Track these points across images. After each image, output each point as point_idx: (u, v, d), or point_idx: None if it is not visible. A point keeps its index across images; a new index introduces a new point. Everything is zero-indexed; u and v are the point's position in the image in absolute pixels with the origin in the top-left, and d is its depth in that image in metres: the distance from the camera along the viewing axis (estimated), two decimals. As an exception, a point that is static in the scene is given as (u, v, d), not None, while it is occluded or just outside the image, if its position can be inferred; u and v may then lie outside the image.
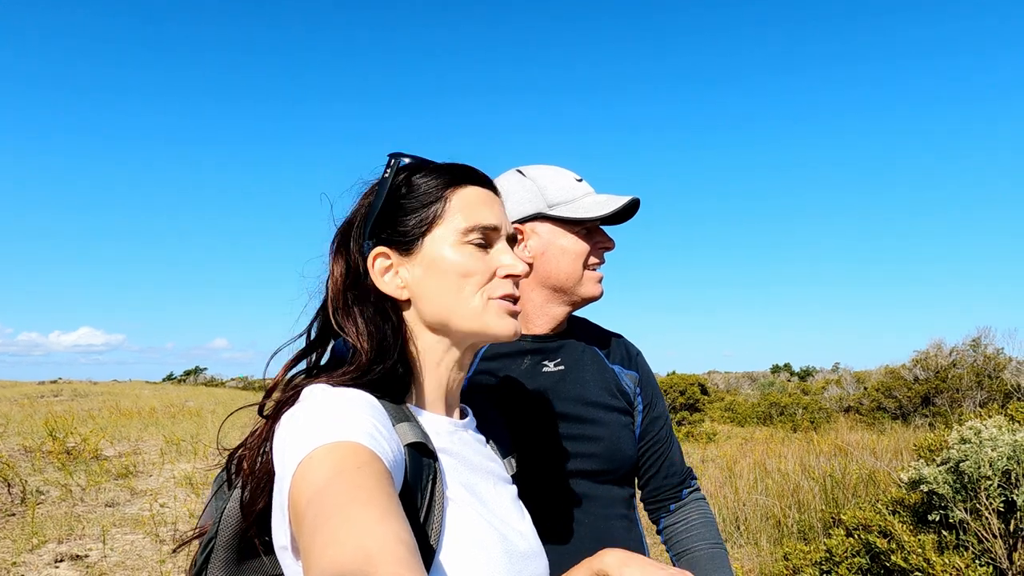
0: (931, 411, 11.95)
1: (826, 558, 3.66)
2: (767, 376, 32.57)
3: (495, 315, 0.82)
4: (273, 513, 0.69)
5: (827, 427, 12.60)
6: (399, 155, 0.84)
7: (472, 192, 0.84)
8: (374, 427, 0.66)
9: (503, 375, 1.23)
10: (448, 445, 0.80)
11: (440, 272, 0.81)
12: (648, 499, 1.36)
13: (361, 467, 0.59)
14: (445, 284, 0.81)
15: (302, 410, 0.69)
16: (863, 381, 16.77)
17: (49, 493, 6.57)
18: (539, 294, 1.26)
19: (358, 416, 0.66)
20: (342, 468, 0.58)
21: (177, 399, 19.41)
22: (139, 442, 10.44)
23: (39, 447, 8.66)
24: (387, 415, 0.73)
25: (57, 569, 4.49)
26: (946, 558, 3.05)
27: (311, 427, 0.64)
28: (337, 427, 0.63)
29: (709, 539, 1.29)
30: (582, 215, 1.21)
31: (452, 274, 0.81)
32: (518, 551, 0.77)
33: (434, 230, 0.82)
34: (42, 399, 18.37)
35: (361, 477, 0.58)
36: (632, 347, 1.40)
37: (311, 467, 0.59)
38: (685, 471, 1.38)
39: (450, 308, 0.81)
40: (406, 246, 0.82)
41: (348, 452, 0.60)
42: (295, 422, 0.67)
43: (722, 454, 8.84)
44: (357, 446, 0.61)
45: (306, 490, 0.58)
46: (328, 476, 0.58)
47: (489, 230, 0.83)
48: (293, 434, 0.65)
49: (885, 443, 8.24)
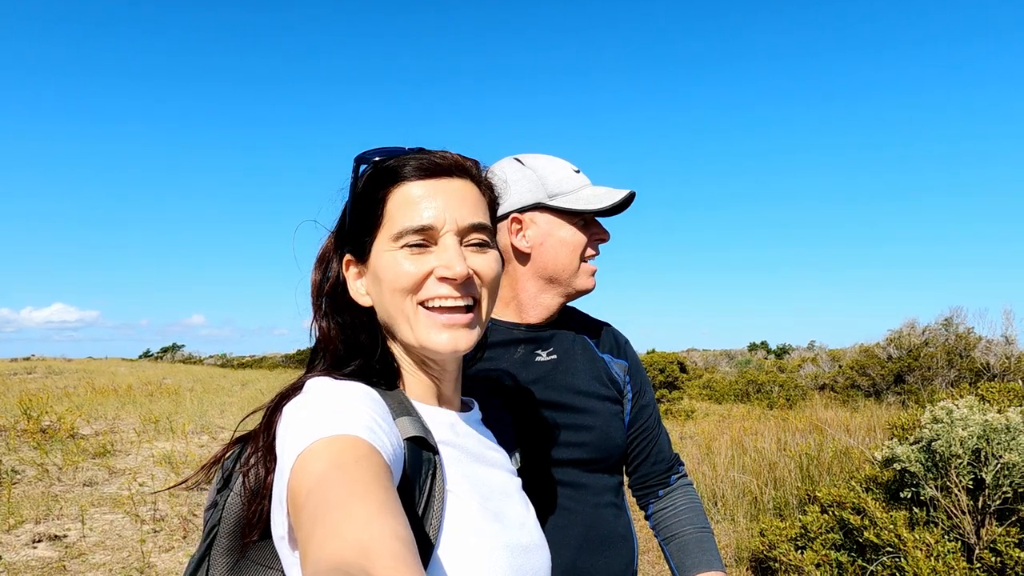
0: (903, 389, 12.22)
1: (801, 534, 3.75)
2: (744, 354, 33.04)
3: (426, 329, 0.76)
4: (272, 503, 0.69)
5: (803, 404, 12.84)
6: (362, 158, 0.81)
7: (408, 190, 0.77)
8: (374, 420, 0.66)
9: (497, 365, 1.23)
10: (451, 437, 0.80)
11: (378, 281, 0.78)
12: (636, 485, 1.38)
13: (360, 460, 0.59)
14: (383, 292, 0.78)
15: (303, 402, 0.69)
16: (838, 359, 17.07)
17: (25, 473, 6.48)
18: (534, 284, 1.25)
19: (358, 409, 0.66)
20: (341, 461, 0.58)
21: (154, 376, 19.21)
22: (116, 420, 10.32)
23: (13, 426, 8.52)
24: (388, 409, 0.73)
25: (35, 549, 4.45)
26: (917, 534, 3.14)
27: (312, 419, 0.64)
28: (337, 420, 0.63)
29: (696, 524, 1.31)
30: (582, 207, 1.20)
31: (385, 282, 0.77)
32: (520, 543, 0.77)
33: (377, 236, 0.78)
34: (15, 376, 18.07)
35: (359, 471, 0.58)
36: (620, 336, 1.40)
37: (310, 459, 0.59)
38: (673, 457, 1.39)
39: (391, 317, 0.79)
40: (360, 254, 0.81)
41: (347, 445, 0.60)
42: (296, 414, 0.67)
43: (700, 431, 8.99)
44: (356, 439, 0.61)
45: (305, 482, 0.58)
46: (327, 469, 0.58)
47: (425, 230, 0.75)
48: (294, 426, 0.65)
49: (859, 420, 8.42)
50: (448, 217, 0.76)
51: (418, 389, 0.83)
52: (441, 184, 0.78)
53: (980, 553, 3.09)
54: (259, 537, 0.74)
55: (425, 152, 0.80)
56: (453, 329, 0.76)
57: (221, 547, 0.76)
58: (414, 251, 0.76)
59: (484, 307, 0.81)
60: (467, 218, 0.78)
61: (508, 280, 1.29)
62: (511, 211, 1.23)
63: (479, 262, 0.79)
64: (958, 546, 3.08)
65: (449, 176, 0.79)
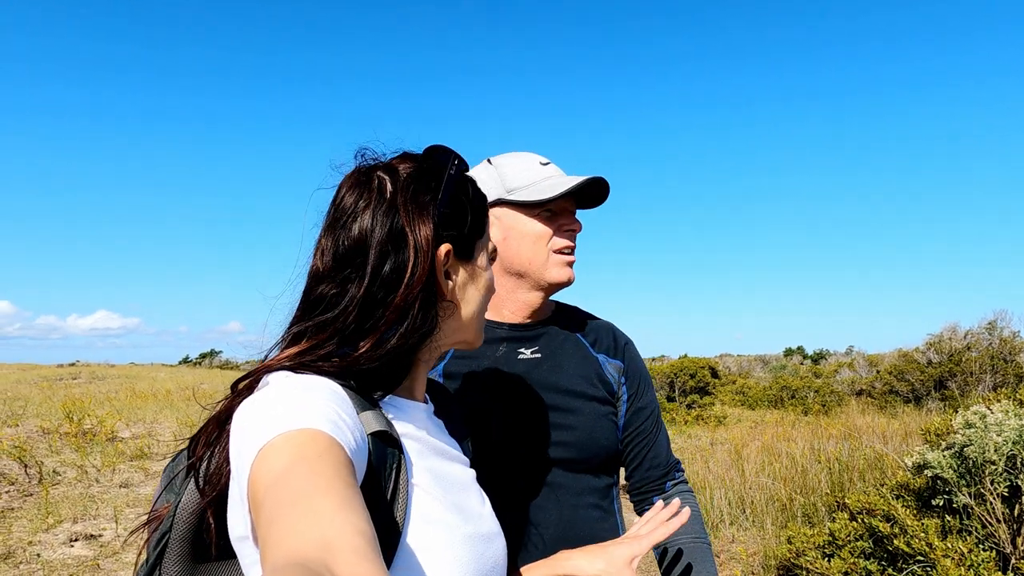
0: (944, 395, 11.85)
1: (829, 541, 3.65)
2: (780, 359, 32.42)
3: (478, 331, 0.88)
4: (230, 502, 0.67)
5: (838, 410, 12.54)
6: (450, 151, 0.84)
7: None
8: (336, 414, 0.64)
9: (476, 363, 1.22)
10: (414, 431, 0.80)
11: (479, 283, 0.86)
12: (632, 491, 1.35)
13: (322, 455, 0.58)
14: (477, 296, 0.86)
15: (262, 396, 0.67)
16: (876, 364, 16.64)
17: (65, 474, 6.70)
18: (506, 280, 1.25)
19: (320, 403, 0.65)
20: (303, 455, 0.57)
21: (192, 382, 19.66)
22: (154, 424, 10.59)
23: (56, 429, 8.81)
24: (350, 403, 0.71)
25: (72, 548, 4.59)
26: (949, 543, 3.03)
27: (272, 414, 0.62)
28: (298, 414, 0.62)
29: (691, 532, 1.26)
30: (536, 197, 1.19)
31: (484, 288, 0.86)
32: (480, 533, 0.77)
33: (482, 240, 0.87)
34: (60, 381, 18.67)
35: (321, 465, 0.57)
36: (621, 336, 1.37)
37: (271, 454, 0.58)
38: (670, 463, 1.35)
39: (470, 319, 0.85)
40: (465, 250, 0.84)
41: (309, 439, 0.59)
42: (254, 408, 0.65)
43: (731, 437, 8.84)
44: (318, 433, 0.60)
45: (265, 477, 0.57)
46: (288, 463, 0.57)
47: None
48: (253, 420, 0.63)
49: (895, 427, 8.19)
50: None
51: (413, 381, 0.84)
52: None
53: (1016, 563, 2.97)
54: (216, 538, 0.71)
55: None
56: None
57: (174, 553, 0.73)
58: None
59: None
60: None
61: None
62: None
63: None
64: (993, 555, 2.96)
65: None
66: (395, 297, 0.73)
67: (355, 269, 0.74)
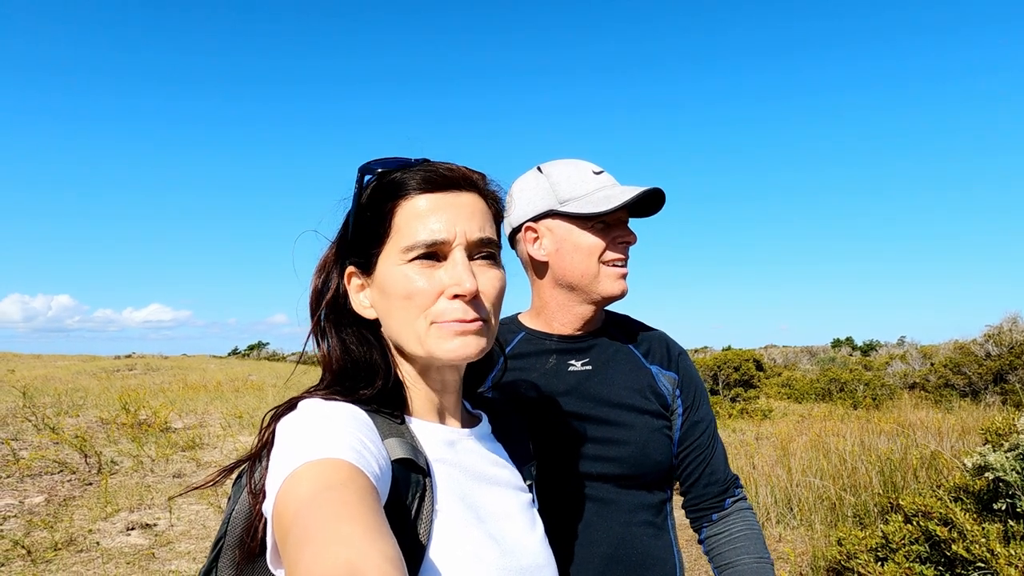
0: (1004, 389, 11.35)
1: (882, 544, 3.53)
2: (827, 351, 31.59)
3: (436, 339, 0.76)
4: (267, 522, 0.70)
5: (890, 404, 12.14)
6: (366, 168, 0.80)
7: (417, 203, 0.77)
8: (360, 443, 0.66)
9: (526, 375, 1.20)
10: (446, 455, 0.79)
11: (387, 295, 0.78)
12: (689, 507, 1.30)
13: (346, 483, 0.59)
14: (391, 307, 0.78)
15: (292, 423, 0.69)
16: (930, 356, 16.06)
17: (122, 464, 6.96)
18: (558, 293, 1.22)
19: (345, 431, 0.66)
20: (328, 484, 0.58)
21: (241, 373, 20.22)
22: (205, 415, 10.92)
23: (114, 419, 9.16)
24: (375, 430, 0.72)
25: (128, 536, 4.76)
26: (1012, 549, 2.90)
27: (298, 442, 0.64)
28: (323, 443, 0.63)
29: (754, 552, 1.21)
30: (591, 210, 1.15)
31: (395, 297, 0.77)
32: (519, 566, 0.76)
33: (384, 248, 0.78)
34: (117, 373, 19.42)
35: (347, 493, 0.58)
36: (675, 346, 1.33)
37: (296, 483, 0.60)
38: (729, 479, 1.30)
39: (398, 332, 0.79)
40: (366, 266, 0.81)
41: (333, 468, 0.60)
42: (285, 436, 0.68)
43: (777, 432, 8.64)
44: (342, 463, 0.61)
45: (291, 505, 0.58)
46: (313, 492, 0.58)
47: (435, 244, 0.75)
48: (281, 448, 0.66)
49: (951, 422, 7.88)
50: (457, 231, 0.76)
51: (419, 403, 0.83)
52: (449, 197, 0.78)
53: (1086, 572, 2.81)
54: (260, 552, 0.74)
55: (431, 164, 0.80)
56: (464, 336, 0.76)
57: (227, 559, 0.77)
58: (424, 264, 0.76)
59: (492, 322, 0.80)
60: (475, 232, 0.78)
61: (534, 290, 1.27)
62: (524, 221, 1.20)
63: (484, 281, 0.78)
64: (1060, 564, 2.82)
65: (457, 189, 0.79)
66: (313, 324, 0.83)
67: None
